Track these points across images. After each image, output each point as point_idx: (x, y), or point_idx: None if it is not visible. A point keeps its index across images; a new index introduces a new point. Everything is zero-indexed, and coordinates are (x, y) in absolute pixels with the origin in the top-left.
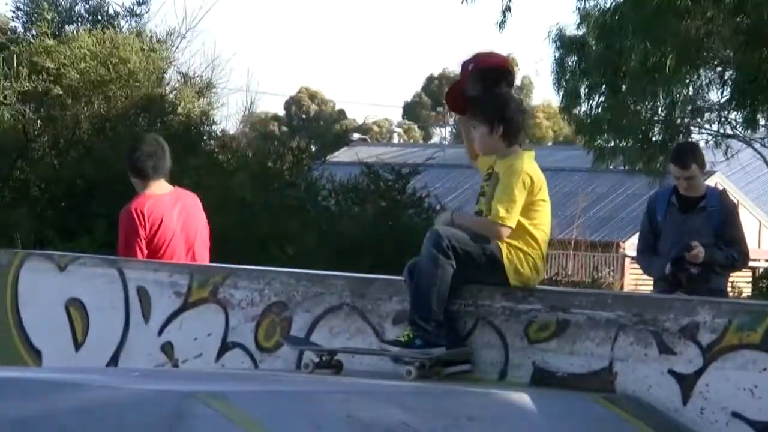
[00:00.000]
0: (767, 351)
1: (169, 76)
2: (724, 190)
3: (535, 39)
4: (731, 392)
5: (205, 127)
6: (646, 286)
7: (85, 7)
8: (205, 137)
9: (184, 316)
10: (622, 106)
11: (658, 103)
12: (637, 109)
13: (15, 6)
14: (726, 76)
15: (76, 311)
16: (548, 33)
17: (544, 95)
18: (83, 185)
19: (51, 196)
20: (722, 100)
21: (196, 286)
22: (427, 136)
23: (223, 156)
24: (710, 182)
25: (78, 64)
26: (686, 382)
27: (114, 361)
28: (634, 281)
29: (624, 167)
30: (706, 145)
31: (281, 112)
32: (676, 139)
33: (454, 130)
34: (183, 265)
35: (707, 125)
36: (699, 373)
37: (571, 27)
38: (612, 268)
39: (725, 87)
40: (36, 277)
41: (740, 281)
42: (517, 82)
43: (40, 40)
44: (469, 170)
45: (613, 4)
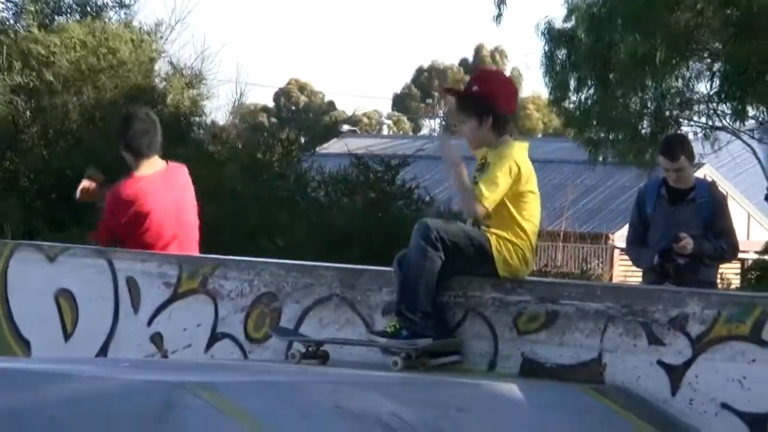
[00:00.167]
0: (756, 342)
1: (159, 67)
2: (713, 182)
3: (524, 31)
4: (720, 383)
5: (195, 117)
6: (635, 278)
7: None
8: (194, 128)
9: (173, 307)
10: (612, 99)
11: (648, 95)
12: (627, 101)
13: None
14: (715, 68)
15: (66, 302)
16: (537, 26)
17: (534, 87)
18: (72, 175)
19: (40, 186)
20: (711, 92)
21: (185, 277)
22: (416, 128)
23: (213, 147)
24: (699, 174)
25: (68, 52)
26: (675, 373)
27: (103, 351)
28: (623, 272)
29: (611, 159)
30: (695, 137)
31: (270, 103)
32: (666, 131)
33: (443, 122)
34: (172, 256)
35: (696, 117)
36: (688, 365)
37: (560, 20)
38: (601, 260)
39: (714, 79)
40: (25, 267)
41: (729, 273)
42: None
43: (29, 32)
44: None
45: None
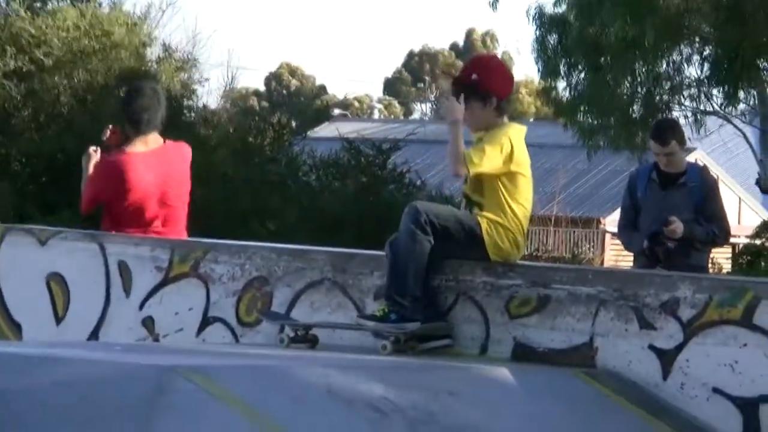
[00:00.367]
0: (747, 327)
1: (151, 51)
2: (704, 166)
3: (515, 15)
4: (712, 368)
5: (186, 101)
6: (626, 262)
7: None
8: (186, 112)
9: (165, 291)
10: (603, 84)
11: (638, 79)
12: (618, 86)
13: None
14: (706, 53)
15: (57, 285)
16: (528, 11)
17: (527, 71)
18: (64, 159)
19: (32, 170)
20: (702, 77)
21: (177, 261)
22: (407, 112)
23: (205, 131)
24: (690, 158)
25: (60, 33)
26: (666, 358)
27: (95, 335)
28: (614, 257)
29: (603, 143)
30: (686, 122)
31: (262, 87)
32: (656, 116)
33: (434, 106)
34: (164, 240)
35: (688, 101)
36: (679, 349)
37: (550, 4)
38: (592, 244)
39: (705, 63)
40: (17, 251)
41: (720, 257)
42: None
43: (20, 16)
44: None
45: None
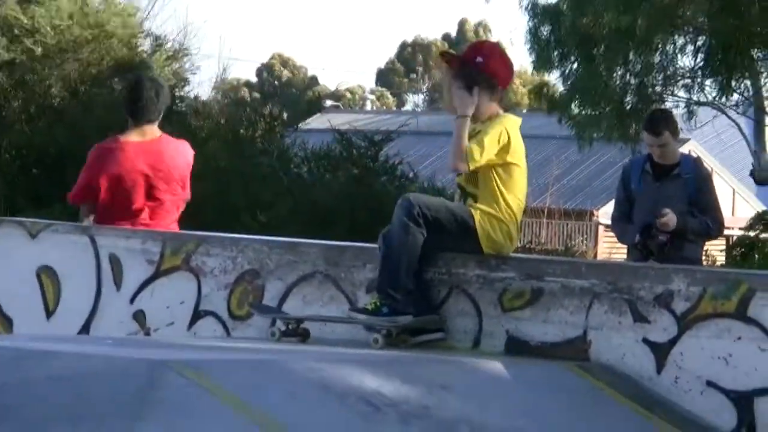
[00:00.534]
0: (742, 320)
1: (142, 41)
2: (698, 158)
3: (508, 5)
4: (706, 361)
5: (178, 91)
6: (620, 255)
7: None
8: (177, 102)
9: (156, 284)
10: (596, 74)
11: (630, 69)
12: (611, 77)
13: None
14: (699, 43)
15: (48, 279)
16: (520, 2)
17: (521, 62)
18: (55, 151)
19: (22, 162)
20: (696, 67)
21: (168, 254)
22: (400, 103)
23: (196, 122)
24: (684, 150)
25: (54, 21)
26: (661, 351)
27: (85, 329)
28: (608, 249)
29: (597, 135)
30: (680, 114)
31: (253, 78)
32: (650, 107)
33: (427, 97)
34: (156, 233)
35: (681, 92)
36: (673, 342)
37: None
38: (585, 237)
39: (698, 54)
40: (7, 244)
41: (714, 250)
42: None
43: (12, 8)
44: (442, 137)
45: None
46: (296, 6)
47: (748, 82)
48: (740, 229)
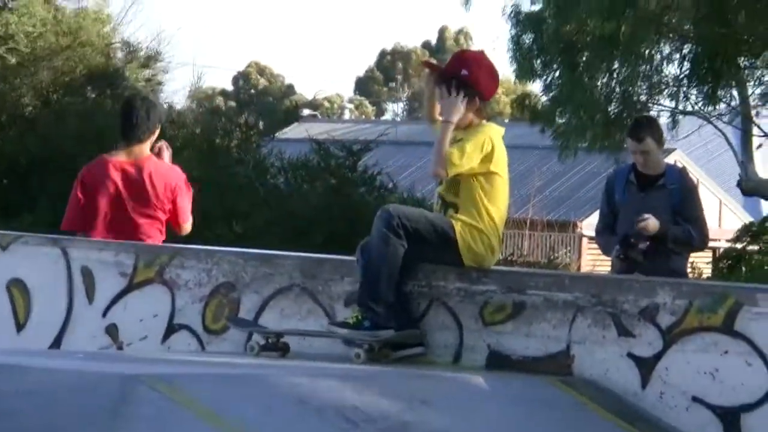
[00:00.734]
0: (729, 333)
1: (116, 48)
2: (684, 168)
3: (490, 12)
4: (692, 376)
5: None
6: (604, 267)
7: None
8: None
9: (129, 297)
10: (580, 83)
11: (614, 78)
12: (596, 85)
13: None
14: (685, 51)
15: (18, 292)
16: (504, 9)
17: (504, 71)
18: (26, 161)
19: None
20: (681, 76)
21: (142, 266)
22: (379, 112)
23: (171, 132)
24: (669, 160)
25: (28, 29)
26: (645, 366)
27: (57, 343)
28: (592, 262)
29: (580, 144)
30: (665, 124)
31: (229, 87)
32: (633, 116)
33: (406, 106)
34: (129, 245)
35: (667, 100)
36: (658, 356)
37: (527, 1)
38: (569, 249)
39: (684, 61)
40: None
41: (700, 262)
42: None
43: None
44: (422, 147)
45: None
46: (273, 13)
47: (735, 91)
48: (727, 240)
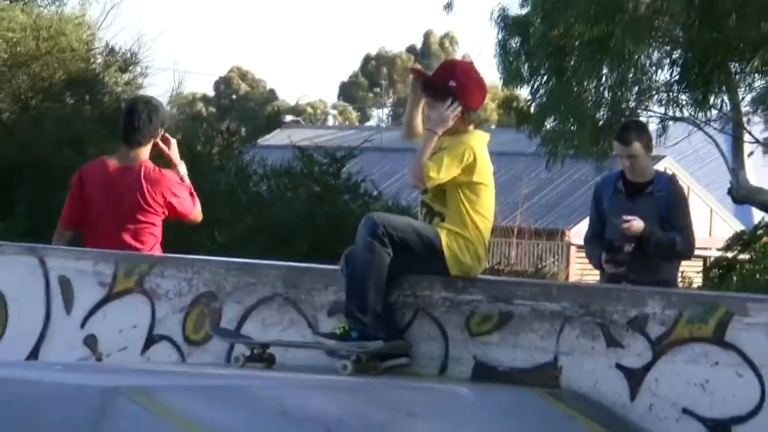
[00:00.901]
0: (719, 344)
1: (96, 53)
2: (673, 175)
3: (475, 16)
4: (682, 387)
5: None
6: (593, 276)
7: None
8: None
9: (108, 307)
10: (568, 89)
11: (603, 83)
12: (583, 91)
13: None
14: (675, 56)
15: None
16: (491, 13)
17: (490, 76)
18: (2, 167)
19: None
20: (671, 81)
21: (121, 276)
22: (363, 118)
23: None
24: (659, 167)
25: (7, 34)
26: (634, 377)
27: (34, 354)
28: (580, 271)
29: (568, 151)
30: (654, 130)
31: (211, 92)
32: (622, 121)
33: (391, 112)
34: (108, 254)
35: (657, 106)
36: (648, 368)
37: (515, 5)
38: (557, 257)
39: (674, 67)
40: None
41: (690, 271)
42: None
43: None
44: (407, 154)
45: None
46: (256, 17)
47: (726, 97)
48: (718, 249)
